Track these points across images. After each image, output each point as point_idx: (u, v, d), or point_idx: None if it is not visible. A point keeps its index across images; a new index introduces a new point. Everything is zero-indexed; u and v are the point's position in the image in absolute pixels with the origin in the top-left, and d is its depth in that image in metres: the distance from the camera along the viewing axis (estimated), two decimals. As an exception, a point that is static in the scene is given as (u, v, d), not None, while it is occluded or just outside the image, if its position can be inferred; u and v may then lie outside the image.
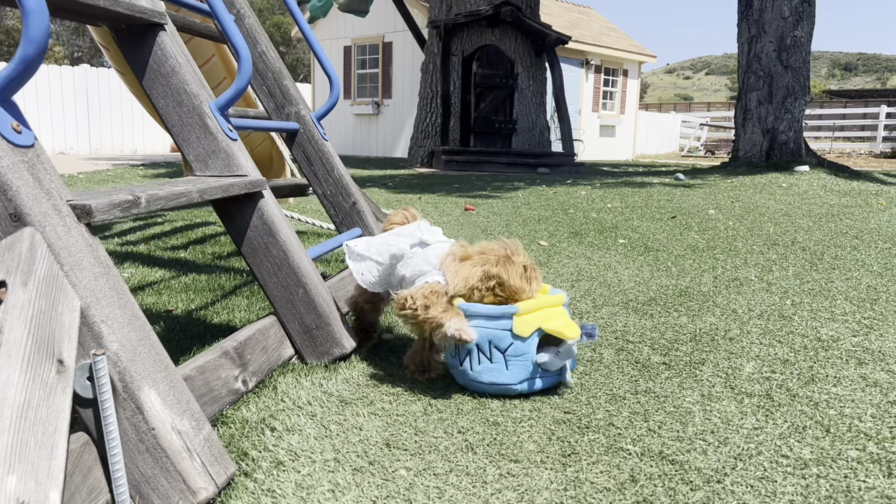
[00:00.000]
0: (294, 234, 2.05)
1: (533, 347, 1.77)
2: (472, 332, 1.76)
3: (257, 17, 2.76)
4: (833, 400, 1.81)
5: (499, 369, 1.78)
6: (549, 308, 1.82)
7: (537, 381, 1.81)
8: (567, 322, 1.79)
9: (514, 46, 11.95)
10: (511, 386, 1.78)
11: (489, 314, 1.79)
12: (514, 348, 1.76)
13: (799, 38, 9.34)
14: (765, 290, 3.06)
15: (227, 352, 1.71)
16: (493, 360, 1.78)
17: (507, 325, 1.77)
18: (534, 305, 1.81)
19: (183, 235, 4.24)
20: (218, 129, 1.96)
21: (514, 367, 1.77)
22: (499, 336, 1.77)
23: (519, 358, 1.76)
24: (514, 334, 1.76)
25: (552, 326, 1.76)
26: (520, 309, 1.78)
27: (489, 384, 1.79)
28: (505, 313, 1.78)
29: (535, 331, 1.76)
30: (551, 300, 1.85)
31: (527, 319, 1.77)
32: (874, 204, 6.30)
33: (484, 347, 1.78)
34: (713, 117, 27.34)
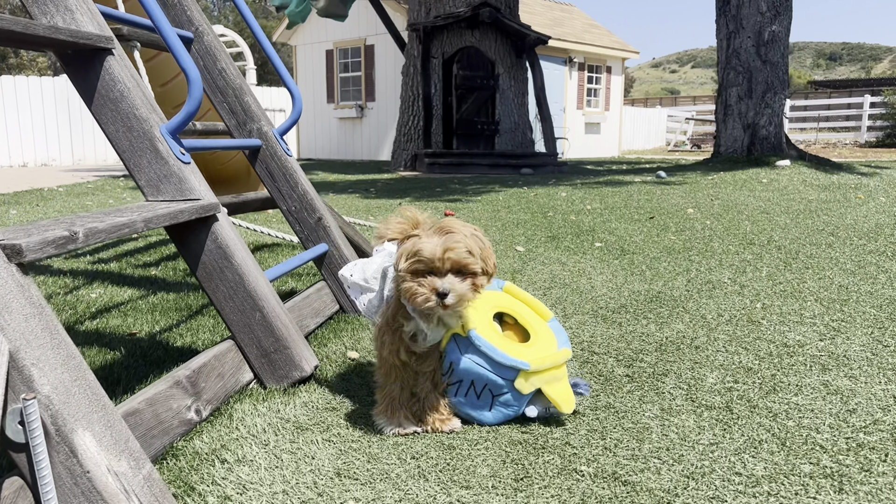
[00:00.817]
0: (250, 256, 2.03)
1: (524, 403, 1.73)
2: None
3: (237, 29, 2.74)
4: (793, 410, 1.80)
5: (481, 408, 1.74)
6: (555, 369, 1.75)
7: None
8: (565, 390, 1.74)
9: (494, 47, 11.94)
10: (485, 423, 1.75)
11: (498, 360, 1.69)
12: (507, 399, 1.72)
13: (777, 32, 9.37)
14: (737, 294, 3.05)
15: (178, 381, 1.69)
16: (479, 398, 1.74)
17: (511, 376, 1.70)
18: (546, 364, 1.72)
19: (156, 251, 4.21)
20: (169, 153, 1.94)
21: (497, 412, 1.73)
22: (498, 384, 1.71)
23: (507, 407, 1.73)
24: (514, 387, 1.71)
25: (552, 394, 1.71)
26: (531, 367, 1.69)
27: (463, 413, 1.76)
28: (514, 366, 1.69)
29: (534, 390, 1.72)
30: (558, 359, 1.75)
31: (532, 380, 1.70)
32: (853, 198, 6.33)
33: (478, 387, 1.73)
34: (699, 111, 27.41)
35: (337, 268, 2.72)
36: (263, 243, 4.46)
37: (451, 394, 1.76)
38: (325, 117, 17.86)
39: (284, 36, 18.30)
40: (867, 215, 5.23)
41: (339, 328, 2.56)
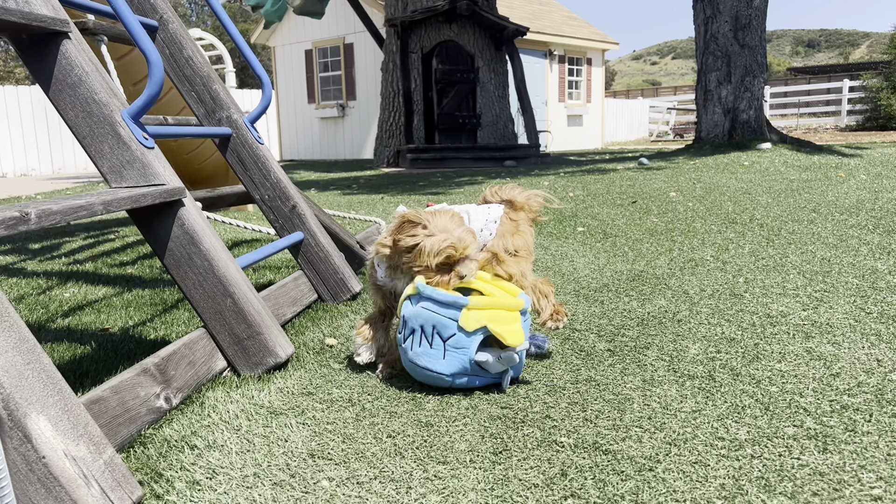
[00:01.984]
0: (220, 241, 1.98)
1: (474, 344, 1.71)
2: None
3: (216, 33, 2.68)
4: (776, 377, 1.77)
5: (436, 356, 1.73)
6: (502, 310, 1.76)
7: (476, 380, 1.75)
8: (515, 329, 1.73)
9: (472, 40, 11.90)
10: (443, 376, 1.73)
11: (441, 300, 1.75)
12: (456, 339, 1.71)
13: (753, 16, 9.39)
14: (719, 270, 3.03)
15: (146, 369, 1.64)
16: (432, 346, 1.74)
17: (454, 314, 1.72)
18: (487, 303, 1.75)
19: (133, 251, 4.14)
20: (131, 138, 1.88)
21: (451, 358, 1.72)
22: (444, 323, 1.73)
23: (458, 350, 1.71)
24: (458, 325, 1.71)
25: (497, 329, 1.70)
26: (470, 302, 1.73)
27: (423, 368, 1.75)
28: (455, 303, 1.73)
29: (480, 328, 1.71)
30: (508, 303, 1.78)
31: (475, 315, 1.71)
32: (834, 177, 6.34)
33: (427, 331, 1.74)
34: (680, 101, 27.49)
35: (314, 256, 2.67)
36: (242, 239, 4.40)
37: (408, 346, 1.78)
38: (306, 117, 17.77)
39: (263, 37, 18.19)
40: (848, 192, 5.24)
41: (317, 317, 2.51)
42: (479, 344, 1.73)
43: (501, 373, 1.76)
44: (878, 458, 1.34)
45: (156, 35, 2.59)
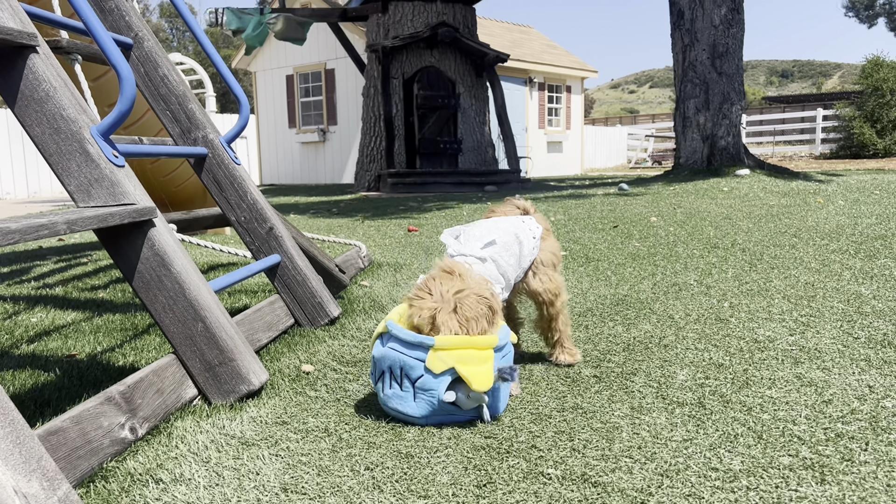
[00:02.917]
0: (192, 264, 1.90)
1: (442, 386, 1.62)
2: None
3: (198, 58, 2.62)
4: (767, 403, 1.72)
5: (406, 399, 1.65)
6: (472, 349, 1.65)
7: (452, 417, 1.67)
8: (484, 370, 1.63)
9: (453, 67, 11.96)
10: (414, 419, 1.65)
11: (407, 340, 1.67)
12: (423, 381, 1.62)
13: (730, 45, 9.52)
14: (703, 294, 3.00)
15: (111, 398, 1.55)
16: (402, 388, 1.66)
17: (421, 356, 1.64)
18: (456, 342, 1.65)
19: (106, 275, 4.03)
20: (100, 156, 1.81)
21: (420, 400, 1.64)
22: (411, 365, 1.64)
23: (426, 393, 1.63)
24: (425, 367, 1.63)
25: (464, 371, 1.61)
26: (437, 342, 1.63)
27: (394, 411, 1.68)
28: (422, 343, 1.64)
29: (447, 369, 1.62)
30: (478, 342, 1.66)
31: (442, 356, 1.62)
32: (812, 202, 6.38)
33: (396, 373, 1.66)
34: (658, 128, 27.82)
35: (291, 279, 2.60)
36: (219, 262, 4.31)
37: (379, 390, 1.72)
38: (287, 142, 17.71)
39: (244, 62, 18.17)
40: (828, 217, 5.26)
41: (293, 342, 2.43)
42: (452, 381, 1.64)
43: (477, 408, 1.68)
44: (878, 488, 1.28)
45: (130, 53, 2.53)
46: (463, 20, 12.10)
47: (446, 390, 1.63)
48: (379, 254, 4.45)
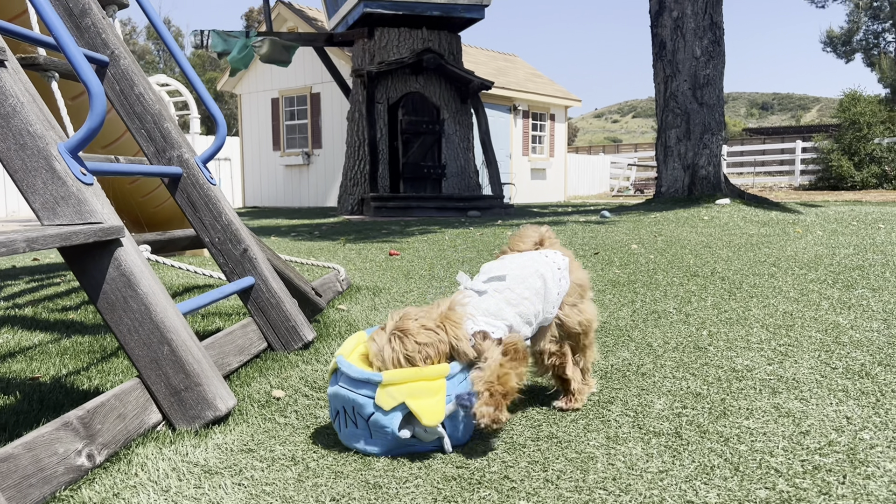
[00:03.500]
0: (159, 284, 1.86)
1: (394, 422, 1.57)
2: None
3: (184, 80, 2.59)
4: (744, 434, 1.69)
5: (364, 436, 1.61)
6: (422, 381, 1.59)
7: (416, 447, 1.63)
8: (434, 403, 1.58)
9: (438, 93, 12.02)
10: (377, 454, 1.61)
11: (355, 377, 1.61)
12: (375, 419, 1.57)
13: (711, 76, 9.65)
14: (682, 322, 2.98)
15: (68, 423, 1.50)
16: (358, 426, 1.61)
17: (370, 392, 1.59)
18: (404, 376, 1.59)
19: (78, 296, 3.95)
20: (67, 173, 1.77)
21: (377, 437, 1.59)
22: (361, 403, 1.59)
23: (380, 430, 1.58)
24: (375, 405, 1.57)
25: (414, 406, 1.56)
26: (385, 378, 1.58)
27: (355, 448, 1.63)
28: (369, 380, 1.59)
29: (397, 405, 1.57)
30: (428, 373, 1.61)
31: (391, 391, 1.57)
32: (791, 232, 6.42)
33: (349, 412, 1.61)
34: (640, 157, 28.12)
35: (265, 302, 2.55)
36: (194, 284, 4.24)
37: (338, 429, 1.67)
38: (271, 165, 17.68)
39: (229, 84, 18.18)
40: (806, 247, 5.29)
41: (265, 367, 2.37)
42: (407, 415, 1.59)
43: (439, 438, 1.63)
44: (856, 524, 1.25)
45: (106, 71, 2.50)
46: (448, 47, 12.20)
47: (401, 427, 1.58)
48: (359, 277, 4.41)
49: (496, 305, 1.75)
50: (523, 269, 1.83)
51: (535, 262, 1.87)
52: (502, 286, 1.78)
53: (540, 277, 1.82)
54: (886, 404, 1.88)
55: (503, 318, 1.73)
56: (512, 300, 1.76)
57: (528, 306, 1.78)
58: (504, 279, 1.80)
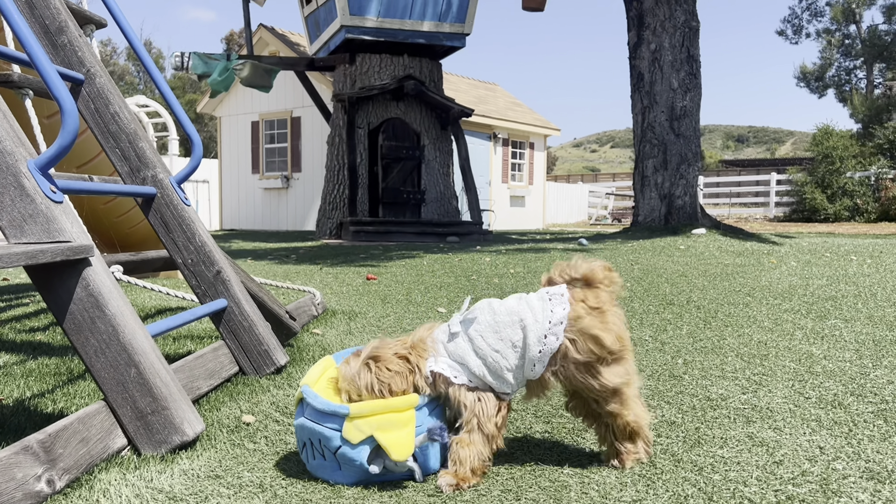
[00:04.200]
0: (129, 306, 1.82)
1: (362, 454, 1.53)
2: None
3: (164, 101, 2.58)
4: (718, 463, 1.68)
5: (332, 468, 1.58)
6: (391, 413, 1.55)
7: (388, 476, 1.60)
8: (403, 436, 1.54)
9: (419, 119, 12.09)
10: (347, 484, 1.58)
11: (321, 409, 1.57)
12: (343, 453, 1.54)
13: (688, 108, 9.81)
14: (658, 350, 2.98)
15: (28, 447, 1.45)
16: (326, 459, 1.58)
17: (337, 425, 1.55)
18: (372, 408, 1.55)
19: (47, 316, 3.87)
20: (36, 191, 1.73)
21: (346, 470, 1.57)
22: (328, 436, 1.55)
23: (349, 463, 1.55)
24: (342, 438, 1.54)
25: (383, 439, 1.53)
26: (352, 411, 1.54)
27: (324, 479, 1.60)
28: (336, 412, 1.55)
29: (366, 438, 1.53)
30: (396, 404, 1.57)
31: (358, 424, 1.53)
32: (766, 262, 6.50)
33: (316, 445, 1.58)
34: (618, 187, 28.42)
35: (237, 325, 2.51)
36: (167, 306, 4.18)
37: (306, 460, 1.64)
38: (249, 187, 17.60)
39: (209, 107, 18.15)
40: (780, 277, 5.35)
41: (236, 391, 2.33)
42: (374, 449, 1.55)
43: (410, 469, 1.59)
44: (829, 555, 1.24)
45: (81, 89, 2.47)
46: (429, 74, 12.30)
47: (370, 460, 1.55)
48: (335, 301, 4.37)
49: (463, 350, 1.63)
50: (505, 315, 1.63)
51: (522, 311, 1.63)
52: (473, 332, 1.63)
53: (521, 329, 1.61)
54: (859, 434, 1.89)
55: (467, 366, 1.62)
56: (479, 350, 1.61)
57: (499, 360, 1.60)
58: (474, 322, 1.65)
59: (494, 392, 1.63)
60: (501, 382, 1.61)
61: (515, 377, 1.62)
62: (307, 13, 12.92)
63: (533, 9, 12.02)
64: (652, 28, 9.84)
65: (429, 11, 11.69)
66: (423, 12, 11.66)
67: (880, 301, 4.17)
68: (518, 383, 1.64)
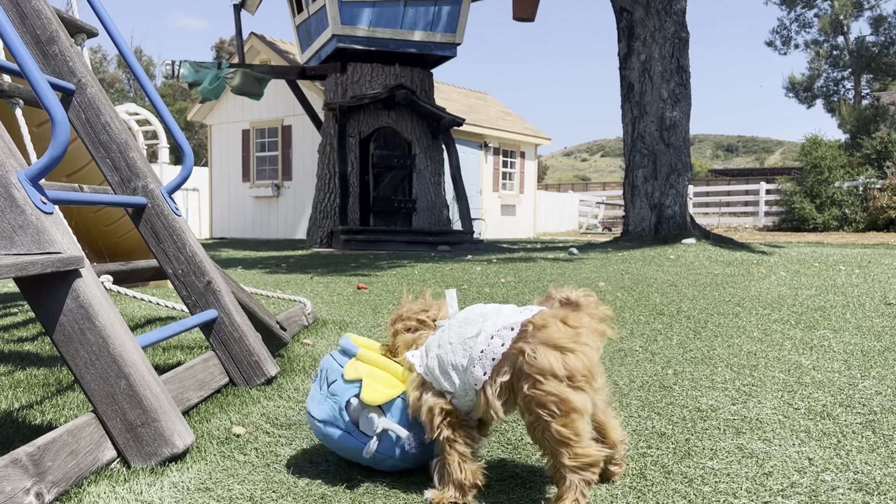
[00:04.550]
0: (119, 317, 1.81)
1: (348, 394, 1.66)
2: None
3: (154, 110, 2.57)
4: (708, 475, 1.69)
5: (318, 400, 1.71)
6: (388, 373, 1.69)
7: (347, 439, 1.67)
8: (380, 389, 1.64)
9: (410, 128, 12.11)
10: (314, 419, 1.69)
11: (344, 348, 1.74)
12: (335, 386, 1.69)
13: (678, 118, 9.87)
14: (648, 361, 2.99)
15: (17, 460, 1.44)
16: (320, 390, 1.72)
17: (345, 361, 1.71)
18: (377, 360, 1.70)
19: (35, 326, 3.85)
20: (27, 202, 1.73)
21: (326, 404, 1.69)
22: (334, 368, 1.71)
23: (333, 398, 1.68)
24: (342, 372, 1.69)
25: (367, 382, 1.64)
26: (359, 353, 1.70)
27: (307, 413, 1.73)
28: (349, 351, 1.73)
29: (357, 379, 1.66)
30: (397, 370, 1.70)
31: (358, 366, 1.67)
32: (755, 272, 6.53)
33: (322, 375, 1.73)
34: (609, 196, 28.53)
35: (227, 336, 2.50)
36: (157, 316, 4.16)
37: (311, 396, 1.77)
38: (240, 196, 17.56)
39: (200, 115, 18.12)
40: (770, 288, 5.38)
41: (226, 402, 2.32)
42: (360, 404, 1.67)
43: (371, 439, 1.65)
44: (818, 567, 1.25)
45: (72, 99, 2.47)
46: (420, 84, 12.33)
47: (348, 405, 1.65)
48: (325, 311, 4.36)
49: (432, 340, 1.62)
50: (476, 315, 1.58)
51: (491, 313, 1.57)
52: (447, 325, 1.62)
53: (478, 330, 1.54)
54: (847, 445, 1.90)
55: (427, 356, 1.60)
56: (441, 341, 1.58)
57: (450, 353, 1.54)
58: (454, 317, 1.64)
59: (439, 392, 1.56)
60: (446, 379, 1.53)
61: (461, 380, 1.51)
62: (298, 22, 12.94)
63: (523, 19, 12.09)
64: (642, 39, 9.91)
65: (420, 21, 11.73)
66: (415, 22, 11.71)
67: (868, 311, 4.21)
68: (465, 390, 1.52)
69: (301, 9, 12.68)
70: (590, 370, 1.43)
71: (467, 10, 12.13)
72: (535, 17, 12.26)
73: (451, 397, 1.55)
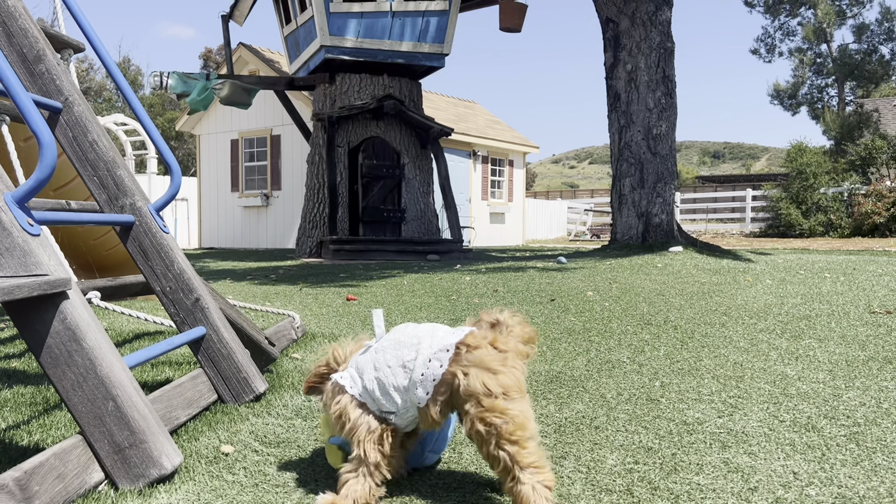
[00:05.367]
0: (106, 339, 1.81)
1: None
2: None
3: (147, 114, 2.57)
4: (694, 491, 1.71)
5: None
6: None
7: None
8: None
9: (399, 138, 12.14)
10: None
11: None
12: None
13: (664, 127, 9.95)
14: (636, 372, 3.01)
15: (4, 485, 1.44)
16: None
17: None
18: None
19: (22, 343, 3.82)
20: (13, 224, 1.73)
21: None
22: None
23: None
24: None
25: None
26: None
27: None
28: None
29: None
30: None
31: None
32: (742, 281, 6.58)
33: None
34: (597, 203, 28.64)
35: (216, 353, 2.50)
36: (145, 331, 4.15)
37: None
38: (229, 206, 17.52)
39: (188, 125, 18.09)
40: (756, 296, 5.42)
41: (215, 420, 2.32)
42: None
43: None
44: (801, 584, 1.27)
45: (59, 117, 2.47)
46: (409, 93, 12.36)
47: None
48: (315, 324, 4.36)
49: (364, 363, 1.67)
50: (410, 336, 1.65)
51: (424, 334, 1.64)
52: (379, 346, 1.67)
53: (415, 350, 1.61)
54: (832, 459, 1.92)
55: (363, 378, 1.65)
56: (378, 363, 1.64)
57: (390, 376, 1.61)
58: (384, 338, 1.69)
59: (377, 415, 1.64)
60: (388, 400, 1.61)
61: (403, 400, 1.60)
62: (287, 33, 12.96)
63: (510, 29, 12.16)
64: (628, 49, 9.99)
65: (408, 32, 11.78)
66: (402, 33, 11.75)
67: (853, 320, 4.25)
68: (406, 408, 1.61)
69: (289, 20, 12.70)
70: (519, 387, 1.55)
71: (455, 21, 12.19)
72: (522, 27, 12.33)
73: (392, 416, 1.64)
